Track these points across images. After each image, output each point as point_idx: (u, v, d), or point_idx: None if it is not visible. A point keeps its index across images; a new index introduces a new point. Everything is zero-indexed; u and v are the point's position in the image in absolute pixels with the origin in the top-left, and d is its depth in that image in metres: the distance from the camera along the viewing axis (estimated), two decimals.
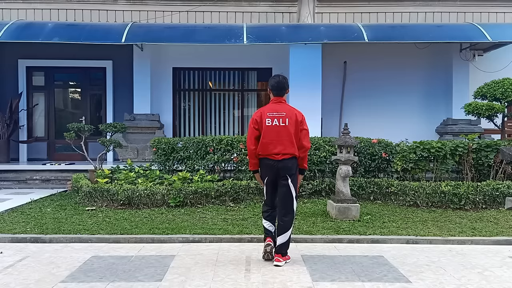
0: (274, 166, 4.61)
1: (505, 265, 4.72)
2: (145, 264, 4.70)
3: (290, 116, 4.61)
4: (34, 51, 12.21)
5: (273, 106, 4.69)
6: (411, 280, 4.22)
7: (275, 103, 4.72)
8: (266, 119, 4.61)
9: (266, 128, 4.60)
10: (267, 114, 4.63)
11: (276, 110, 4.64)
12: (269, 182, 4.72)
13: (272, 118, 4.60)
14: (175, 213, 6.97)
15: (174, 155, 8.79)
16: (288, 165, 4.61)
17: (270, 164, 4.63)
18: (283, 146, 4.58)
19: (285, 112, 4.62)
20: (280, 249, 4.66)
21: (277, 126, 4.59)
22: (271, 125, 4.59)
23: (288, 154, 4.60)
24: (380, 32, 10.85)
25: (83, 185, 7.82)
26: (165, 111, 12.51)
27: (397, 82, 12.47)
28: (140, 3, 11.66)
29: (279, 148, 4.58)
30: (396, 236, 5.72)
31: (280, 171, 4.61)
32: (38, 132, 12.91)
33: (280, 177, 4.64)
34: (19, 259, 4.90)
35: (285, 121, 4.59)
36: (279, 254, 4.66)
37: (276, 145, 4.58)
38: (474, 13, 11.83)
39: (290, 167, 4.62)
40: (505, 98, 8.96)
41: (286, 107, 4.69)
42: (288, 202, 4.67)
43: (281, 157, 4.58)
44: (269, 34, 10.79)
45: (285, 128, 4.59)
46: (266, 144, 4.61)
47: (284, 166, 4.60)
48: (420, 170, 8.33)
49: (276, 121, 4.59)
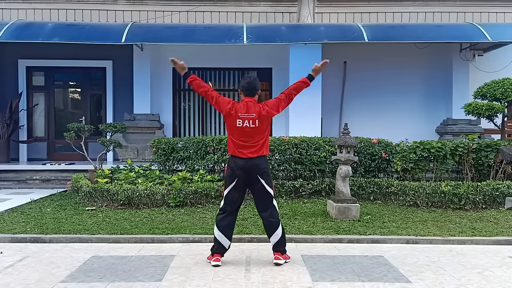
0: (245, 165, 4.57)
1: (505, 265, 4.72)
2: (145, 264, 4.70)
3: (259, 116, 4.61)
4: (34, 51, 12.21)
5: (244, 106, 4.65)
6: (411, 280, 4.22)
7: (246, 103, 4.69)
8: (237, 120, 4.59)
9: (236, 129, 4.59)
10: (238, 114, 4.60)
11: (247, 111, 4.61)
12: (238, 183, 4.62)
13: (243, 120, 4.59)
14: (175, 213, 6.97)
15: (174, 155, 8.79)
16: (258, 163, 4.59)
17: (241, 163, 4.58)
18: (254, 148, 4.58)
19: (254, 114, 4.61)
20: (277, 247, 4.66)
21: (248, 127, 4.58)
22: (242, 126, 4.58)
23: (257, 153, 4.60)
24: (380, 32, 10.85)
25: (83, 185, 7.82)
26: (165, 111, 12.51)
27: (397, 82, 12.47)
28: (140, 3, 11.66)
29: (249, 150, 4.57)
30: (396, 236, 5.73)
31: (251, 170, 4.58)
32: (38, 132, 12.91)
33: (253, 178, 4.61)
34: (19, 259, 4.90)
35: (255, 122, 4.59)
36: (278, 252, 4.66)
37: (247, 147, 4.57)
38: (474, 13, 11.84)
39: (260, 166, 4.61)
40: (505, 98, 8.96)
41: (255, 108, 4.65)
42: (268, 201, 4.67)
43: (251, 155, 4.57)
44: (269, 34, 10.79)
45: (256, 129, 4.59)
46: (237, 145, 4.59)
47: (254, 165, 4.58)
48: (420, 170, 8.33)
49: (246, 122, 4.58)
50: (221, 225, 4.65)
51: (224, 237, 4.63)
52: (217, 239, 4.65)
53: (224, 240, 4.63)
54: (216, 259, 4.61)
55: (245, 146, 4.58)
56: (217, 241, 4.65)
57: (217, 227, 4.66)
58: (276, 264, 4.59)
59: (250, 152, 4.58)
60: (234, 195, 4.65)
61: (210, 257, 4.69)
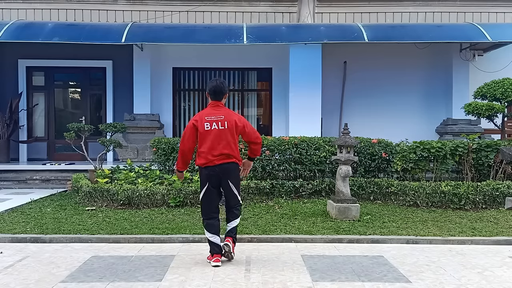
0: (215, 171, 4.57)
1: (505, 265, 4.72)
2: (145, 264, 4.70)
3: (229, 120, 4.58)
4: (34, 51, 12.21)
5: (211, 110, 4.65)
6: (411, 280, 4.22)
7: (213, 107, 4.68)
8: (205, 123, 4.56)
9: (205, 133, 4.55)
10: (205, 118, 4.58)
11: (214, 114, 4.60)
12: (211, 188, 4.63)
13: (211, 122, 4.56)
14: (175, 213, 6.97)
15: (174, 155, 8.77)
16: (228, 169, 4.60)
17: (211, 171, 4.57)
18: (224, 149, 4.54)
19: (223, 116, 4.59)
20: (230, 232, 4.73)
21: (216, 130, 4.54)
22: (210, 129, 4.55)
23: (229, 158, 4.57)
24: (380, 32, 10.85)
25: (83, 185, 7.82)
26: (165, 111, 12.51)
27: (397, 82, 12.47)
28: (140, 3, 11.66)
29: (218, 152, 4.53)
30: (396, 236, 5.73)
31: (221, 175, 4.59)
32: (38, 132, 12.91)
33: (222, 182, 4.63)
34: (19, 259, 4.90)
35: (224, 124, 4.56)
36: (230, 237, 4.71)
37: (216, 148, 4.53)
38: (474, 13, 11.83)
39: (230, 171, 4.61)
40: (505, 98, 8.96)
41: (224, 111, 4.65)
42: (235, 200, 4.73)
43: (220, 161, 4.55)
44: (269, 34, 10.79)
45: (224, 131, 4.55)
46: (206, 148, 4.54)
47: (224, 170, 4.58)
48: (420, 170, 8.33)
49: (215, 124, 4.55)
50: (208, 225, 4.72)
51: (215, 236, 4.68)
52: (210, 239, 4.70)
53: (216, 239, 4.67)
54: (216, 259, 4.61)
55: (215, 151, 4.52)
56: (211, 241, 4.69)
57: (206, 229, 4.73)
58: (225, 245, 4.62)
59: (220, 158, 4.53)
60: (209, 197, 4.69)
61: (210, 257, 4.70)
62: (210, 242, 4.68)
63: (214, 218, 4.70)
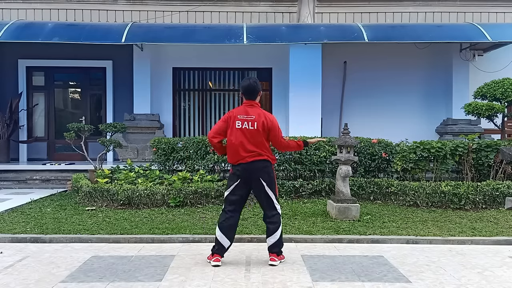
0: (246, 168, 4.57)
1: (505, 265, 4.72)
2: (145, 264, 4.70)
3: (259, 121, 4.59)
4: (34, 51, 12.21)
5: (244, 109, 4.68)
6: (411, 280, 4.22)
7: (246, 106, 4.70)
8: (237, 121, 4.59)
9: (236, 130, 4.59)
10: (237, 116, 4.61)
11: (247, 113, 4.62)
12: (239, 185, 4.63)
13: (242, 121, 4.59)
14: (175, 213, 6.97)
15: (174, 155, 8.79)
16: (259, 166, 4.59)
17: (240, 167, 4.59)
18: (251, 148, 4.56)
19: (254, 116, 4.61)
20: (272, 248, 4.66)
21: (246, 129, 4.57)
22: (241, 127, 4.58)
23: (260, 155, 4.59)
24: (380, 32, 10.85)
25: (83, 185, 7.82)
26: (165, 111, 12.51)
27: (397, 82, 12.47)
28: (140, 3, 11.66)
29: (246, 150, 4.55)
30: (396, 236, 5.73)
31: (252, 173, 4.59)
32: (38, 132, 12.91)
33: (254, 180, 4.61)
34: (19, 259, 4.90)
35: (254, 125, 4.58)
36: (273, 254, 4.66)
37: (246, 147, 4.55)
38: (474, 13, 11.83)
39: (261, 168, 4.60)
40: (505, 98, 8.96)
41: (256, 111, 4.67)
42: (270, 204, 4.66)
43: (251, 159, 4.56)
44: (269, 34, 10.79)
45: (254, 131, 4.57)
46: (234, 146, 4.58)
47: (256, 167, 4.58)
48: (420, 170, 8.33)
49: (246, 124, 4.58)
50: (222, 225, 4.65)
51: (225, 238, 4.62)
52: (218, 239, 4.65)
53: (224, 240, 4.62)
54: (216, 259, 4.60)
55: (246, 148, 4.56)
56: (218, 241, 4.64)
57: (219, 227, 4.66)
58: (271, 265, 4.58)
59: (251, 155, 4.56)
60: (233, 194, 4.65)
61: (210, 257, 4.68)
62: (216, 240, 4.64)
63: (231, 218, 4.64)
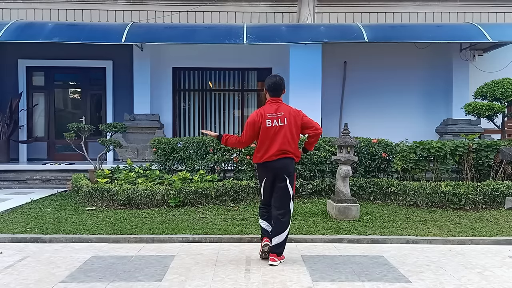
0: (273, 167, 4.64)
1: (505, 265, 4.72)
2: (145, 264, 4.70)
3: (289, 116, 4.66)
4: (34, 51, 12.21)
5: (272, 106, 4.72)
6: (411, 280, 4.22)
7: (272, 103, 4.74)
8: (267, 120, 4.64)
9: (267, 129, 4.63)
10: (267, 115, 4.65)
11: (275, 111, 4.67)
12: (267, 182, 4.74)
13: (272, 119, 4.63)
14: (175, 213, 6.97)
15: (174, 155, 8.79)
16: (285, 164, 4.65)
17: (268, 165, 4.66)
18: (282, 145, 4.61)
19: (283, 112, 4.67)
20: (275, 248, 4.67)
21: (277, 127, 4.62)
22: (271, 125, 4.62)
23: (286, 153, 4.63)
24: (380, 32, 10.85)
25: (83, 185, 7.82)
26: (165, 111, 12.51)
27: (397, 82, 12.47)
28: (140, 3, 11.66)
29: (277, 148, 4.60)
30: (396, 236, 5.72)
31: (278, 171, 4.64)
32: (38, 132, 12.91)
33: (278, 177, 4.67)
34: (19, 259, 4.90)
35: (284, 121, 4.63)
36: (274, 254, 4.67)
37: (276, 145, 4.60)
38: (474, 13, 11.83)
39: (287, 166, 4.66)
40: (505, 98, 8.96)
41: (284, 107, 4.73)
42: (285, 202, 4.70)
43: (278, 156, 4.61)
44: (269, 34, 10.79)
45: (284, 127, 4.63)
46: (266, 145, 4.63)
47: (281, 166, 4.63)
48: (420, 170, 8.33)
49: (275, 121, 4.63)
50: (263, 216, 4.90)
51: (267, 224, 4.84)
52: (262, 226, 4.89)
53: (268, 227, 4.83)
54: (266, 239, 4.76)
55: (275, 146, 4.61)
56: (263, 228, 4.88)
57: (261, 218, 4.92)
58: (271, 265, 4.59)
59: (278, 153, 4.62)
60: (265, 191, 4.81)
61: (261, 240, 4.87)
62: (261, 228, 4.88)
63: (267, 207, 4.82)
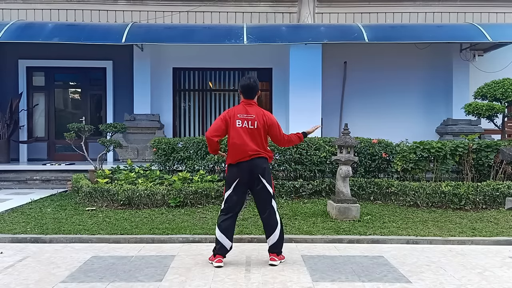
0: (247, 167, 4.57)
1: (505, 265, 4.72)
2: (145, 264, 4.70)
3: (259, 120, 4.63)
4: (34, 51, 12.22)
5: (243, 107, 4.69)
6: (411, 280, 4.22)
7: (245, 105, 4.72)
8: (237, 120, 4.60)
9: (236, 129, 4.59)
10: (237, 115, 4.62)
11: (247, 112, 4.64)
12: (239, 186, 4.62)
13: (242, 120, 4.61)
14: (175, 213, 6.97)
15: (174, 155, 8.79)
16: (260, 163, 4.61)
17: (242, 165, 4.58)
18: (253, 146, 4.58)
19: (254, 115, 4.64)
20: (273, 248, 4.66)
21: (247, 128, 4.59)
22: (241, 126, 4.59)
23: (259, 154, 4.61)
24: (380, 32, 10.84)
25: (83, 185, 7.82)
26: (165, 111, 12.51)
27: (397, 82, 12.47)
28: (140, 3, 11.66)
29: (249, 149, 4.56)
30: (396, 236, 5.73)
31: (252, 170, 4.59)
32: (38, 132, 12.91)
33: (254, 178, 4.61)
34: (19, 259, 4.91)
35: (254, 124, 4.60)
36: (273, 254, 4.66)
37: (247, 145, 4.56)
38: (474, 13, 11.83)
39: (262, 165, 4.62)
40: (505, 98, 8.96)
41: (256, 110, 4.70)
42: (268, 202, 4.66)
43: (252, 156, 4.58)
44: (269, 34, 10.78)
45: (254, 130, 4.60)
46: (236, 145, 4.57)
47: (256, 164, 4.59)
48: (420, 170, 8.32)
49: (246, 123, 4.60)
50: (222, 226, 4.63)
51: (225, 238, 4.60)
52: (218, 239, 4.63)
53: (225, 241, 4.61)
54: (218, 260, 4.59)
55: (246, 147, 4.56)
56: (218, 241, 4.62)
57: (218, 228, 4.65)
58: (271, 265, 4.59)
59: (251, 154, 4.56)
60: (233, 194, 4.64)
61: (212, 257, 4.68)
62: (217, 241, 4.61)
63: (231, 218, 4.63)
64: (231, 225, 4.66)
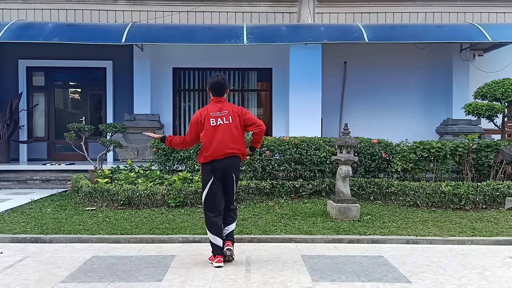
0: (221, 166, 4.60)
1: (505, 265, 4.72)
2: (145, 264, 4.70)
3: (232, 114, 4.66)
4: (34, 51, 12.21)
5: (215, 105, 4.70)
6: (411, 280, 4.22)
7: (216, 102, 4.73)
8: (210, 119, 4.61)
9: (211, 128, 4.59)
10: (210, 114, 4.63)
11: (219, 110, 4.66)
12: (215, 185, 4.63)
13: (216, 118, 4.62)
14: (175, 213, 6.97)
15: (174, 155, 8.78)
16: (234, 163, 4.68)
17: (216, 164, 4.60)
18: (230, 143, 4.59)
19: (227, 110, 4.66)
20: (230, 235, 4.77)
21: (222, 125, 4.60)
22: (216, 124, 4.60)
23: (233, 152, 4.63)
24: (380, 32, 10.84)
25: (83, 185, 7.82)
26: (165, 111, 12.51)
27: (397, 82, 12.47)
28: (140, 3, 11.66)
29: (225, 146, 4.58)
30: (396, 236, 5.73)
31: (227, 170, 4.63)
32: (38, 132, 12.91)
33: (228, 177, 4.67)
34: (19, 259, 4.91)
35: (229, 119, 4.63)
36: (229, 241, 4.74)
37: (223, 143, 4.57)
38: (474, 13, 11.83)
39: (236, 165, 4.72)
40: (505, 98, 8.95)
41: (227, 106, 4.73)
42: (233, 196, 4.81)
43: (226, 155, 4.60)
44: (269, 34, 10.79)
45: (230, 125, 4.62)
46: (212, 144, 4.57)
47: (230, 164, 4.63)
48: (420, 170, 8.32)
49: (220, 120, 4.61)
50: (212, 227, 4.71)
51: (217, 238, 4.65)
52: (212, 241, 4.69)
53: (218, 240, 4.65)
54: (218, 260, 4.60)
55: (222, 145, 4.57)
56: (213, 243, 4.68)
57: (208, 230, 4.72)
58: (227, 250, 4.65)
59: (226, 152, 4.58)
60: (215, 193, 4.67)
61: (212, 257, 4.70)
62: (212, 244, 4.67)
63: (218, 216, 4.68)
64: (219, 223, 4.71)
